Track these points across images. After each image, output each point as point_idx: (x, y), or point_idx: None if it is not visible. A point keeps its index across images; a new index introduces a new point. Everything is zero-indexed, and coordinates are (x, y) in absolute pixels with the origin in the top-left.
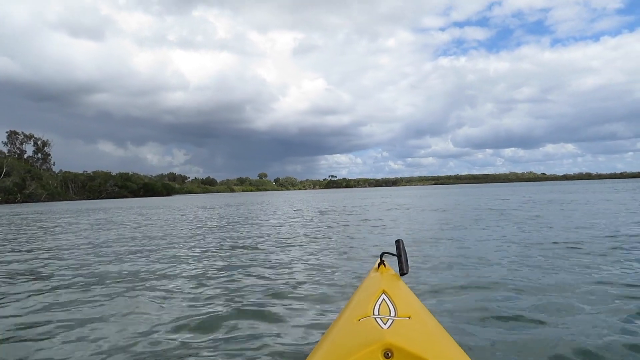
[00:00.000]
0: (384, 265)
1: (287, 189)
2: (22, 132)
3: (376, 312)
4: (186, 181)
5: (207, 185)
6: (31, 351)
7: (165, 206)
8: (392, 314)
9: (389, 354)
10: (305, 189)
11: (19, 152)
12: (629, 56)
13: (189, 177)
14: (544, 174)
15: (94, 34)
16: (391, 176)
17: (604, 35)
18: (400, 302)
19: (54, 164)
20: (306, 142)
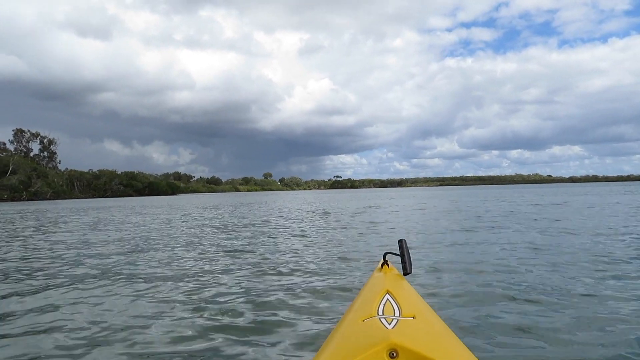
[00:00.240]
0: (388, 265)
1: (292, 189)
2: (29, 131)
3: (380, 312)
4: (191, 180)
5: (212, 185)
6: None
7: (169, 205)
8: (397, 314)
9: (394, 354)
10: (310, 189)
11: (25, 150)
12: (638, 57)
13: (194, 177)
14: (550, 175)
15: (101, 33)
16: (396, 177)
17: (612, 37)
18: (405, 302)
19: (59, 162)
20: (311, 143)
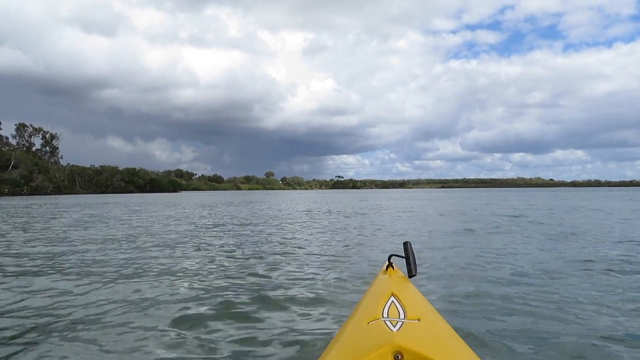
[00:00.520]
0: (392, 267)
1: (294, 189)
2: (31, 125)
3: (385, 315)
4: (193, 178)
5: (214, 183)
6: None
7: (167, 203)
8: (402, 316)
9: (399, 357)
10: (312, 188)
11: (27, 144)
12: None
13: (196, 174)
14: (552, 179)
15: (106, 30)
16: (398, 178)
17: (617, 42)
18: (409, 304)
19: (61, 158)
20: (314, 142)
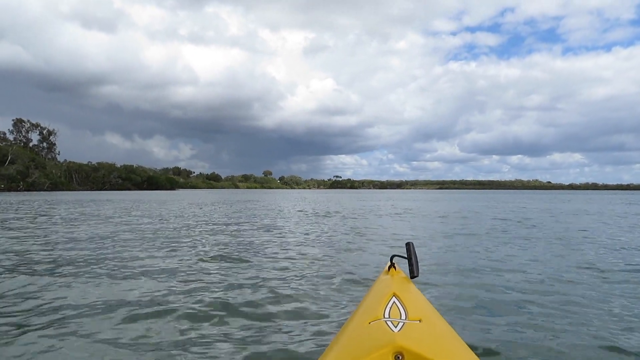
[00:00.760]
0: (394, 268)
1: (292, 188)
2: (29, 121)
3: (387, 315)
4: (191, 176)
5: (212, 181)
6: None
7: (161, 201)
8: (403, 317)
9: (400, 357)
10: (310, 188)
11: (24, 140)
12: None
13: (194, 172)
14: (549, 182)
15: (106, 26)
16: (396, 179)
17: (616, 46)
18: (411, 305)
19: (59, 154)
20: (313, 142)
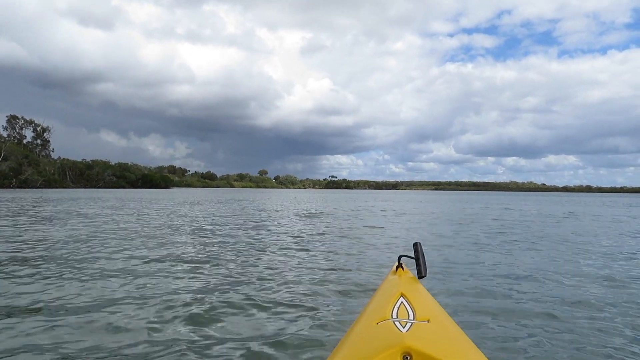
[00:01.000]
0: (402, 268)
1: (287, 187)
2: (23, 117)
3: (395, 316)
4: (186, 174)
5: (207, 180)
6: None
7: (153, 199)
8: (411, 317)
9: (408, 358)
10: (305, 188)
11: (18, 137)
12: (636, 71)
13: (189, 171)
14: (544, 184)
15: (103, 23)
16: (391, 179)
17: (611, 49)
18: (419, 305)
19: (52, 151)
20: (309, 142)
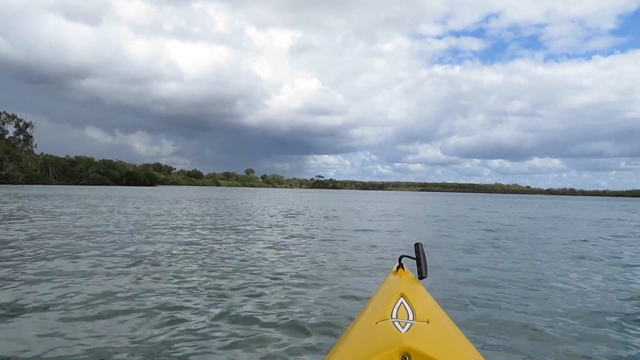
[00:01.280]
0: (403, 268)
1: (274, 187)
2: (5, 112)
3: (394, 316)
4: (172, 172)
5: (193, 178)
6: None
7: (125, 197)
8: (411, 317)
9: (407, 358)
10: (292, 187)
11: (0, 132)
12: (620, 76)
13: (175, 169)
14: (529, 187)
15: (90, 18)
16: (378, 180)
17: (596, 54)
18: (419, 306)
19: (35, 147)
20: (296, 141)
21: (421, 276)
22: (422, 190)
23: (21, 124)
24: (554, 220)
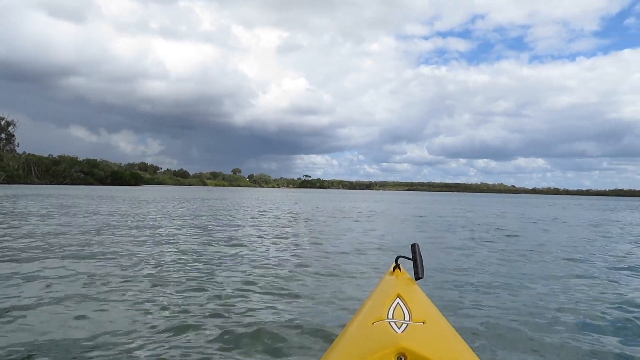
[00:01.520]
0: (399, 269)
1: (261, 186)
2: None
3: (390, 316)
4: (158, 172)
5: (179, 178)
6: None
7: (105, 197)
8: (407, 318)
9: (403, 358)
10: (279, 187)
11: None
12: (603, 78)
13: (161, 168)
14: (514, 186)
15: (74, 15)
16: (365, 179)
17: (580, 56)
18: (415, 306)
19: (17, 145)
20: (284, 141)
21: (417, 277)
22: (409, 190)
23: (3, 122)
24: (545, 221)
